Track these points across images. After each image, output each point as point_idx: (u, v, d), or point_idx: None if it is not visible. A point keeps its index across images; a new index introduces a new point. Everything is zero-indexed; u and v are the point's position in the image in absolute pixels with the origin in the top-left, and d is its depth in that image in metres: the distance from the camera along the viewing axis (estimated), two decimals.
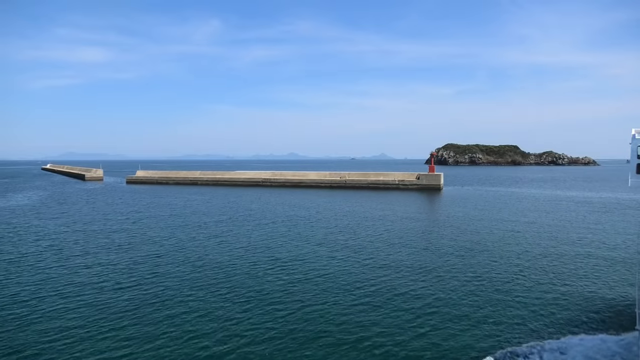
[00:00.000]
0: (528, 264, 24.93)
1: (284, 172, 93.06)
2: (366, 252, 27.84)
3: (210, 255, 27.30)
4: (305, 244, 30.42)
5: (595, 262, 25.36)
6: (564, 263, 25.09)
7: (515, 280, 21.57)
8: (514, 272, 23.08)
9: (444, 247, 29.18)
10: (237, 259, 26.34)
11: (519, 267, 24.25)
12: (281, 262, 25.43)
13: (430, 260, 25.85)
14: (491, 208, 50.71)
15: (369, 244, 30.32)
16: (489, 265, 24.49)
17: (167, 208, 51.54)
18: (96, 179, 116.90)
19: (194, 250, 28.51)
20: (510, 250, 28.35)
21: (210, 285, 21.07)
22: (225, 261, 25.69)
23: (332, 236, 33.39)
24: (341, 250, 28.48)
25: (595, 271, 23.32)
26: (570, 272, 23.09)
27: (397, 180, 79.47)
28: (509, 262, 25.36)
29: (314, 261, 25.67)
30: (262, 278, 22.24)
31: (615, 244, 30.60)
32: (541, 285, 20.84)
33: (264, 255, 27.27)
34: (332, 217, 43.63)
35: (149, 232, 35.11)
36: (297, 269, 23.89)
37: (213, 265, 24.83)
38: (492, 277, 22.23)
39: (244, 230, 36.18)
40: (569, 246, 29.77)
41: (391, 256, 26.82)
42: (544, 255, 26.90)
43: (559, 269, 23.82)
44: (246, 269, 23.92)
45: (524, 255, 26.89)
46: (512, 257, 26.57)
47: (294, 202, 57.89)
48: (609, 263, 25.07)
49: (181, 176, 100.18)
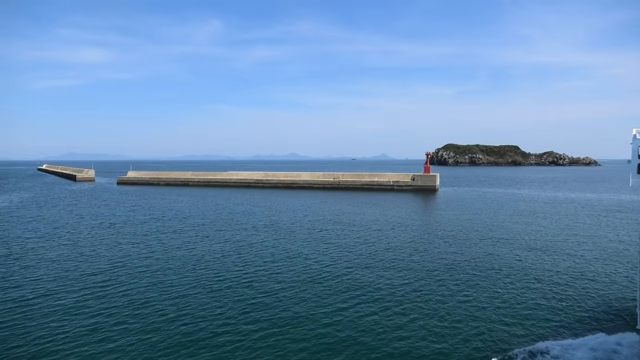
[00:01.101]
0: (526, 266, 24.48)
1: (277, 173, 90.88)
2: (349, 262, 25.66)
3: (173, 266, 25.10)
4: (279, 253, 28.23)
5: (595, 262, 25.17)
6: (564, 264, 24.79)
7: (515, 282, 21.31)
8: (513, 274, 22.75)
9: (438, 250, 27.07)
10: (203, 270, 24.13)
11: (517, 269, 23.84)
12: (248, 276, 23.24)
13: (425, 263, 23.85)
14: (487, 211, 48.45)
15: (351, 253, 28.12)
16: (486, 268, 23.97)
17: (147, 211, 49.39)
18: (88, 179, 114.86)
19: (157, 260, 26.32)
20: (507, 253, 27.70)
21: (160, 300, 18.94)
22: (189, 272, 23.50)
23: (311, 244, 31.20)
24: (319, 262, 26.27)
25: (596, 272, 23.13)
26: (570, 273, 22.87)
27: (391, 181, 77.21)
28: (507, 264, 24.91)
29: (286, 273, 23.49)
30: (224, 296, 20.06)
31: (615, 244, 30.15)
32: (541, 286, 20.70)
33: (233, 266, 25.08)
34: (317, 222, 41.44)
35: (118, 238, 32.94)
36: (262, 283, 21.72)
37: (173, 276, 22.65)
38: (491, 279, 21.93)
39: (220, 236, 34.00)
40: (568, 247, 29.20)
41: (375, 266, 24.66)
42: (542, 258, 26.36)
43: (559, 270, 23.52)
44: (210, 283, 21.74)
45: (521, 258, 26.32)
46: (509, 259, 26.00)
47: (282, 204, 55.69)
48: (609, 264, 24.87)
49: (172, 177, 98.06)
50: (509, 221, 40.90)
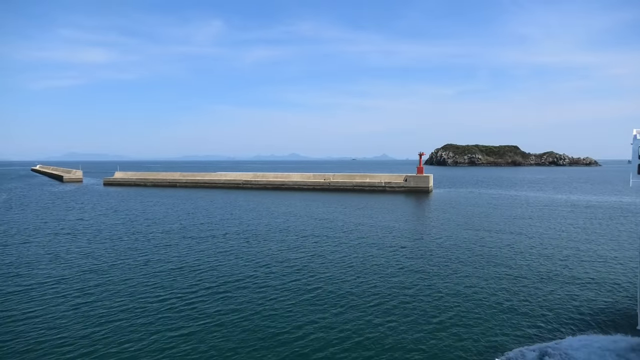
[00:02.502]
0: (525, 267, 24.07)
1: (266, 174, 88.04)
2: (322, 271, 22.80)
3: (129, 277, 22.25)
4: (246, 264, 25.38)
5: (594, 263, 24.97)
6: (563, 265, 24.54)
7: (514, 283, 21.09)
8: (509, 275, 22.48)
9: (423, 256, 24.31)
10: (156, 287, 21.28)
11: (513, 270, 23.52)
12: (202, 292, 20.37)
13: (406, 273, 21.12)
14: (480, 214, 45.52)
15: (329, 262, 25.26)
16: (484, 271, 23.47)
17: (119, 215, 46.56)
18: (75, 180, 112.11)
19: (114, 271, 23.48)
20: (501, 255, 27.23)
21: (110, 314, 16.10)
22: (141, 286, 20.64)
23: (285, 253, 28.34)
24: (292, 275, 23.40)
25: (595, 272, 22.94)
26: (569, 274, 22.69)
27: (383, 183, 74.28)
28: (501, 265, 24.52)
29: (249, 287, 20.62)
30: (178, 311, 17.23)
31: (614, 244, 30.08)
32: (541, 287, 20.50)
33: (194, 278, 22.23)
34: (298, 228, 38.59)
35: (72, 246, 30.11)
36: (220, 299, 18.87)
37: (129, 288, 19.82)
38: (490, 281, 21.55)
39: (189, 244, 31.16)
40: (567, 248, 28.93)
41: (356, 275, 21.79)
42: (540, 259, 25.95)
43: (558, 271, 23.23)
44: (164, 300, 18.89)
45: (517, 259, 25.97)
46: (503, 261, 25.51)
47: (264, 207, 52.82)
48: (608, 264, 24.69)
49: (160, 178, 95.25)
50: (502, 225, 38.02)
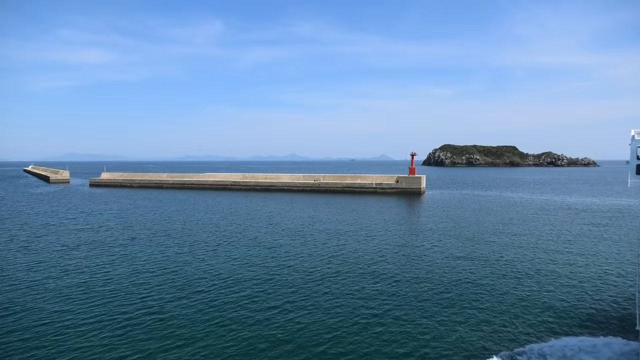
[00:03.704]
0: (520, 270, 23.64)
1: (255, 175, 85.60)
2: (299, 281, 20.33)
3: (64, 296, 19.76)
4: (202, 277, 22.90)
5: (593, 264, 24.84)
6: (561, 265, 24.47)
7: (514, 285, 20.85)
8: (506, 277, 22.23)
9: (408, 263, 21.89)
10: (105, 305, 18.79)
11: (509, 271, 23.29)
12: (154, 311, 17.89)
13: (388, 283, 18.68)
14: (473, 217, 43.08)
15: (296, 275, 22.79)
16: (482, 273, 23.05)
17: (92, 219, 44.08)
18: (61, 181, 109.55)
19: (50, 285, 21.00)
20: (496, 258, 26.62)
21: None
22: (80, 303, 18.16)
23: (248, 265, 25.87)
24: (246, 292, 20.92)
25: (594, 273, 22.80)
26: (570, 274, 22.56)
27: (374, 184, 71.81)
28: (496, 267, 24.13)
29: (216, 300, 18.15)
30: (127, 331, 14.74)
31: (614, 245, 30.04)
32: (540, 288, 20.33)
33: (147, 297, 19.75)
34: (274, 234, 36.14)
35: (26, 257, 27.64)
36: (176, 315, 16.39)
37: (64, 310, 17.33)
38: (489, 283, 21.18)
39: (158, 251, 28.69)
40: (564, 251, 28.55)
41: None
42: (537, 262, 25.55)
43: (556, 272, 23.05)
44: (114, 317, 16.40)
45: (512, 262, 25.37)
46: (497, 264, 24.98)
47: (248, 210, 50.35)
48: (607, 265, 24.54)
49: (146, 179, 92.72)
50: (494, 228, 35.62)
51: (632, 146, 15.10)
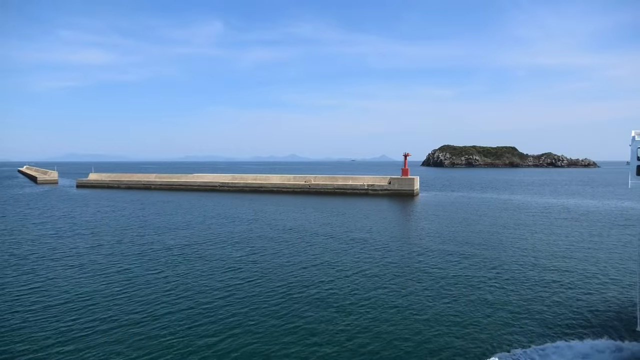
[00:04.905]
0: (519, 273, 23.13)
1: (245, 176, 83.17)
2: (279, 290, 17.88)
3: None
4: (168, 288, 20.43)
5: (594, 264, 24.65)
6: (562, 267, 24.16)
7: (513, 285, 20.70)
8: (505, 279, 21.91)
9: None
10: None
11: (514, 273, 22.97)
12: None
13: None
14: (465, 221, 40.56)
15: (271, 286, 20.32)
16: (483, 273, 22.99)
17: (63, 222, 41.66)
18: (49, 182, 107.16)
19: None
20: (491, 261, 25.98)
21: None
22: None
23: (217, 274, 23.40)
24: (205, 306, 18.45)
25: (594, 274, 22.56)
26: (568, 276, 22.33)
27: (366, 185, 69.31)
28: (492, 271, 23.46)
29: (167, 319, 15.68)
30: None
31: (614, 246, 29.79)
32: (541, 289, 20.09)
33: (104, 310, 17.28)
34: (253, 239, 33.70)
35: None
36: None
37: None
38: (488, 284, 20.91)
39: (114, 261, 26.25)
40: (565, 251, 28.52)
41: None
42: (536, 263, 25.22)
43: (556, 273, 22.82)
44: None
45: (517, 264, 24.95)
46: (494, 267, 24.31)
47: (232, 212, 47.90)
48: (608, 265, 24.38)
49: (134, 179, 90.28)
50: (487, 233, 33.14)
51: (632, 147, 15.19)
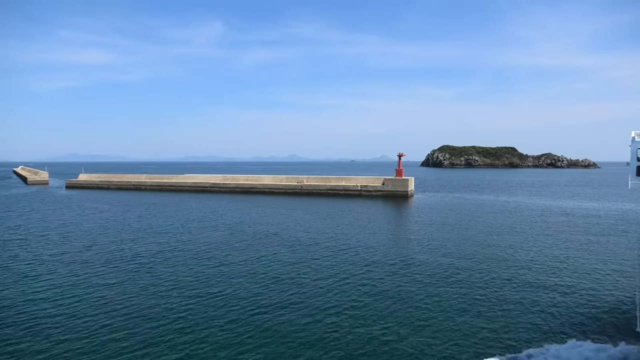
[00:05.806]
0: (524, 272, 23.17)
1: (236, 176, 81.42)
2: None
3: None
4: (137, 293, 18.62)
5: (594, 265, 24.55)
6: (563, 268, 23.96)
7: (513, 288, 20.41)
8: (504, 280, 21.61)
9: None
10: None
11: (514, 274, 22.80)
12: None
13: None
14: (459, 225, 38.77)
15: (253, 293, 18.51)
16: (481, 276, 22.58)
17: (39, 225, 39.90)
18: (40, 182, 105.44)
19: None
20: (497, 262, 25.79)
21: None
22: None
23: (190, 280, 21.60)
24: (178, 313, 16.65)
25: (594, 275, 22.49)
26: (570, 275, 22.32)
27: (359, 186, 67.51)
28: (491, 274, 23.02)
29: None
30: None
31: (614, 247, 29.62)
32: (540, 290, 19.97)
33: None
34: (235, 242, 31.91)
35: None
36: None
37: None
38: (488, 286, 20.71)
39: (79, 269, 24.45)
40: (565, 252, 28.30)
41: None
42: (541, 263, 25.03)
43: (556, 274, 22.65)
44: None
45: (510, 266, 24.68)
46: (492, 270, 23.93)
47: (218, 214, 46.10)
48: (608, 266, 24.29)
49: (124, 180, 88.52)
50: (481, 237, 31.38)
51: (632, 148, 15.24)
